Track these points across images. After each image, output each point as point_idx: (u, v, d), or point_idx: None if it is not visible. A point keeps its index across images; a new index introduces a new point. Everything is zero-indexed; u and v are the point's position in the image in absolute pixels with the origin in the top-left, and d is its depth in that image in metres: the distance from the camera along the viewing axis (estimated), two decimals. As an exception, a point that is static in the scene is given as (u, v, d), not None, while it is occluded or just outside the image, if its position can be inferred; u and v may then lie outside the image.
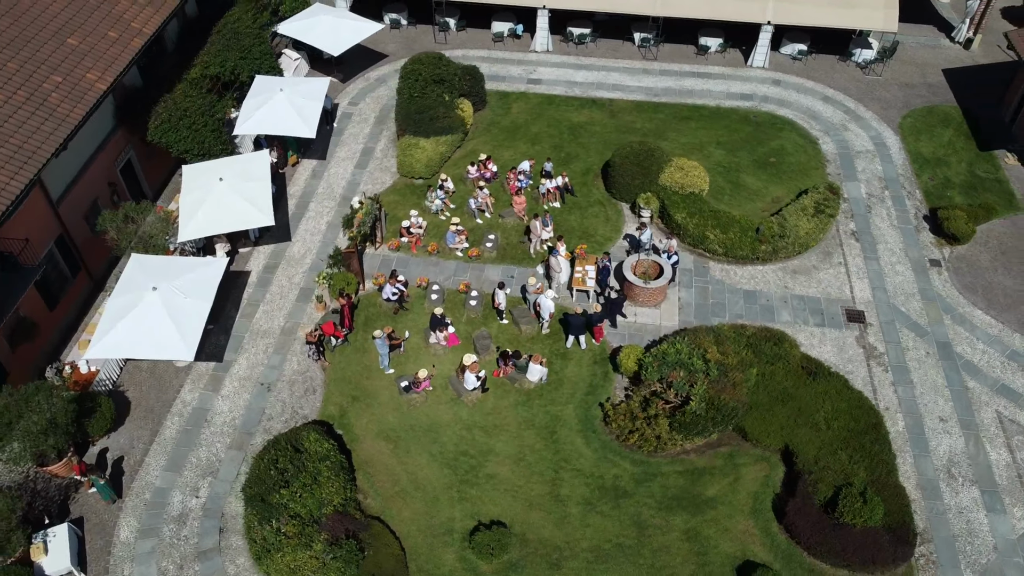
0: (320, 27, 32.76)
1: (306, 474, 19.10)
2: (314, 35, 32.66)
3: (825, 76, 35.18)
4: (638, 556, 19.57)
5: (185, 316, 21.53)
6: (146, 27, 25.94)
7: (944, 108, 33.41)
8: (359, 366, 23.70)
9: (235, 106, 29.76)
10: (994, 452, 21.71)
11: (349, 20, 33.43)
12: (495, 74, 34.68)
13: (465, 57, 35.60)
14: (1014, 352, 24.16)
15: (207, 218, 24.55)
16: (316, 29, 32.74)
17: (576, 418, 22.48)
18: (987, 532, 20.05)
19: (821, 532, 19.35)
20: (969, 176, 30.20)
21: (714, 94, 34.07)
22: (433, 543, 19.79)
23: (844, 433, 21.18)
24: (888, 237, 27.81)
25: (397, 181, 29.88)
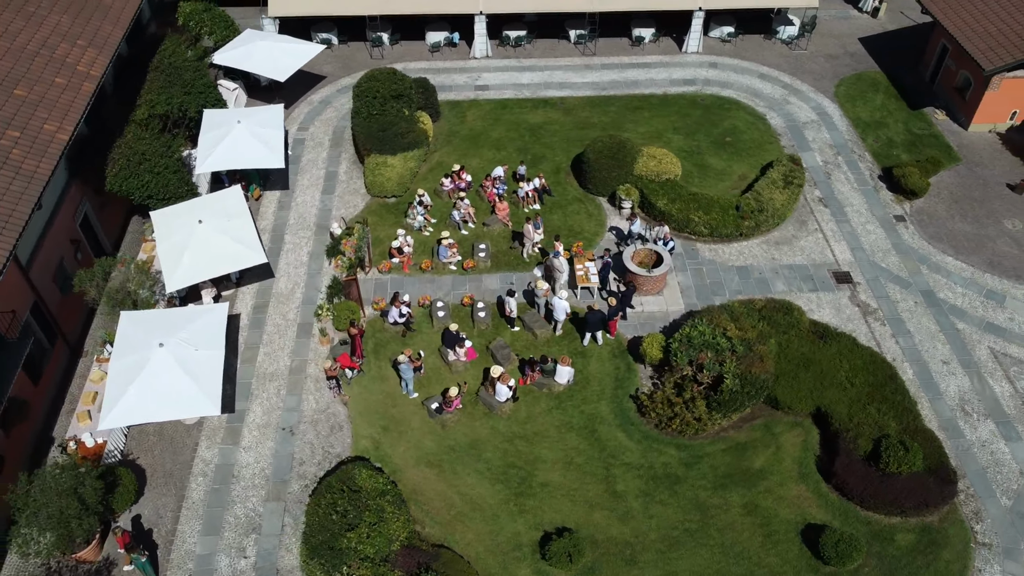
0: (258, 53, 31.50)
1: (370, 513, 18.32)
2: (254, 62, 31.37)
3: (756, 55, 36.70)
4: (706, 538, 19.84)
5: (201, 369, 20.25)
6: (92, 70, 24.19)
7: (870, 74, 35.51)
8: (380, 395, 22.94)
9: (188, 144, 28.17)
10: (996, 385, 23.25)
11: (286, 44, 32.31)
12: (441, 84, 34.28)
13: (406, 71, 34.98)
14: (989, 291, 25.96)
15: (194, 263, 23.16)
16: (254, 56, 31.46)
17: (612, 413, 22.56)
18: (1011, 460, 21.46)
19: (871, 485, 20.18)
20: (907, 134, 32.22)
21: (658, 82, 34.93)
22: (505, 561, 19.40)
23: (867, 388, 22.16)
24: (852, 200, 29.31)
25: (370, 202, 29.09)
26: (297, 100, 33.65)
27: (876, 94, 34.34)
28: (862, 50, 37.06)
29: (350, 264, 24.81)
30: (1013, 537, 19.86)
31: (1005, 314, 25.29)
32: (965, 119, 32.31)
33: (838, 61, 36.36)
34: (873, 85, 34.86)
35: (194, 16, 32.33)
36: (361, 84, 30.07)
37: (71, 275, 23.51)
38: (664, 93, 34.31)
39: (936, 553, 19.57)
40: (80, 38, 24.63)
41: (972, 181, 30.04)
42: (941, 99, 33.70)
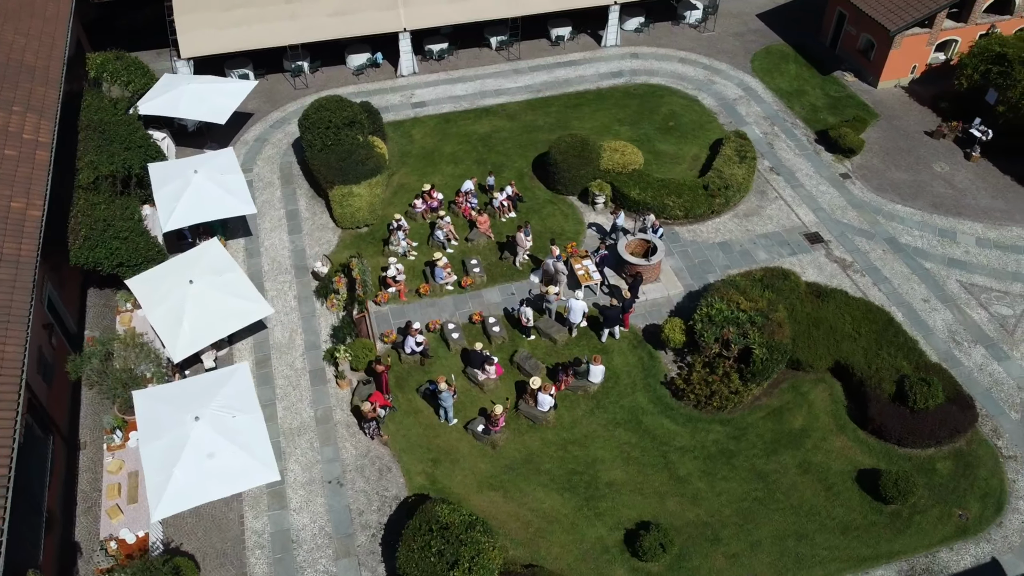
0: (187, 98, 29.66)
1: (467, 547, 17.81)
2: (185, 108, 29.52)
3: (670, 41, 38.20)
4: (775, 503, 20.64)
5: (245, 436, 18.99)
6: (40, 136, 22.03)
7: (777, 47, 37.80)
8: (419, 427, 22.30)
9: (142, 203, 26.20)
10: (974, 313, 25.49)
11: (216, 84, 30.62)
12: (377, 106, 33.48)
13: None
14: (941, 230, 28.38)
15: (196, 327, 21.66)
16: (183, 101, 29.60)
17: (650, 402, 22.98)
18: (1007, 378, 23.61)
19: (906, 423, 21.65)
20: (827, 98, 34.59)
21: (588, 78, 35.68)
22: (598, 566, 19.41)
23: (872, 336, 23.69)
24: (799, 165, 31.16)
25: (343, 235, 28.12)
26: (230, 142, 31.92)
27: (788, 64, 36.61)
28: (763, 26, 39.36)
29: (359, 300, 23.91)
30: (1031, 445, 21.91)
31: (960, 249, 27.72)
32: (873, 78, 35.05)
33: (745, 38, 38.46)
34: (783, 57, 37.13)
35: (107, 67, 30.02)
36: (309, 116, 28.93)
37: (51, 363, 21.37)
38: (598, 88, 35.10)
39: (973, 473, 21.26)
40: (15, 104, 22.35)
41: (895, 133, 32.66)
42: (846, 62, 36.37)
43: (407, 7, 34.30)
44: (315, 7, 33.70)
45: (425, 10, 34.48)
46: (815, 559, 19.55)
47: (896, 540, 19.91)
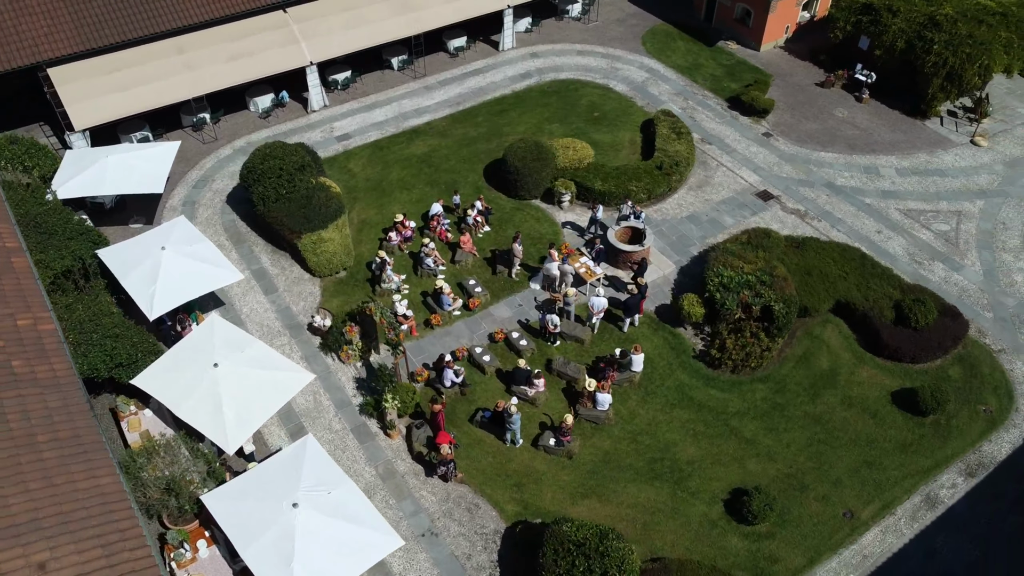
0: (111, 172, 26.86)
1: (610, 559, 17.79)
2: (113, 183, 26.72)
3: (561, 36, 39.24)
4: (837, 441, 22.21)
5: (351, 508, 17.84)
6: (8, 241, 19.23)
7: (660, 28, 39.89)
8: (487, 457, 21.85)
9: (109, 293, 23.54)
10: (920, 234, 28.54)
11: (136, 152, 27.92)
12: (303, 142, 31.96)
13: (249, 144, 32.05)
14: (864, 167, 31.44)
15: (241, 411, 19.91)
16: (109, 176, 26.78)
17: (691, 377, 23.87)
18: (968, 284, 26.72)
19: (914, 342, 24.01)
20: (721, 68, 37.07)
21: (500, 84, 35.95)
22: (713, 541, 20.04)
23: (856, 272, 25.95)
24: (724, 132, 33.26)
25: (324, 284, 26.74)
26: (155, 214, 29.26)
27: (676, 42, 38.80)
28: (639, 9, 41.34)
29: (394, 342, 22.89)
30: (1011, 336, 24.95)
31: (887, 181, 30.86)
32: (755, 43, 37.96)
33: (627, 23, 40.26)
34: (668, 36, 39.28)
35: (3, 153, 26.55)
36: (256, 167, 27.11)
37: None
38: (514, 91, 35.47)
39: (979, 372, 23.96)
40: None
41: (791, 90, 35.63)
42: (725, 33, 39.07)
43: (308, 40, 32.90)
44: (210, 55, 31.50)
45: (327, 41, 33.23)
46: (890, 480, 21.29)
47: (946, 446, 22.09)
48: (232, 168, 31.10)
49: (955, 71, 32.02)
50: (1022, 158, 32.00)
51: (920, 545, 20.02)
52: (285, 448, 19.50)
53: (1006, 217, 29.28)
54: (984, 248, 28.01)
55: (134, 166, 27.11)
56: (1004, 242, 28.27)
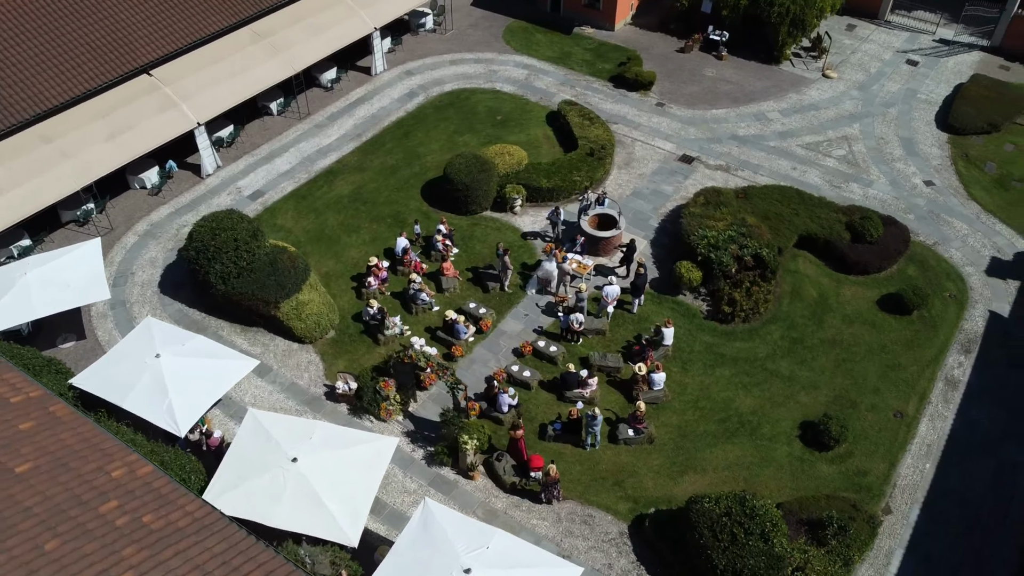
0: (35, 291, 22.98)
1: (759, 518, 18.48)
2: (46, 303, 22.90)
3: (425, 50, 38.87)
4: (857, 356, 24.50)
5: (519, 554, 17.06)
6: (31, 391, 16.03)
7: (514, 25, 40.75)
8: (576, 466, 21.68)
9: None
10: (825, 162, 31.93)
11: (52, 261, 24.01)
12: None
13: (153, 229, 28.88)
14: (753, 115, 34.53)
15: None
16: (33, 297, 22.83)
17: (713, 337, 25.14)
18: (882, 194, 30.38)
19: (873, 254, 27.01)
20: (589, 52, 38.71)
21: (390, 107, 35.00)
22: (808, 473, 21.45)
23: (801, 207, 28.51)
24: (623, 110, 34.89)
25: (319, 348, 24.88)
26: (83, 328, 25.50)
27: (535, 36, 39.89)
28: (486, 11, 41.87)
29: (452, 382, 21.82)
30: (936, 230, 28.82)
31: (777, 123, 34.13)
32: (609, 24, 40.01)
33: (481, 27, 40.70)
34: (525, 31, 40.28)
35: None
36: (207, 244, 24.34)
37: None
38: (408, 112, 34.71)
39: (928, 265, 27.48)
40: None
41: (658, 60, 38.03)
42: (577, 19, 40.75)
43: (188, 100, 30.02)
44: (83, 137, 27.79)
45: (209, 97, 30.51)
46: (913, 376, 23.94)
47: (938, 333, 25.19)
48: (149, 255, 27.80)
49: (798, 17, 35.95)
50: (867, 81, 36.73)
51: (963, 422, 22.77)
52: (412, 520, 18.08)
53: (881, 133, 33.56)
54: (880, 163, 31.96)
55: (62, 277, 23.41)
56: (891, 154, 32.43)
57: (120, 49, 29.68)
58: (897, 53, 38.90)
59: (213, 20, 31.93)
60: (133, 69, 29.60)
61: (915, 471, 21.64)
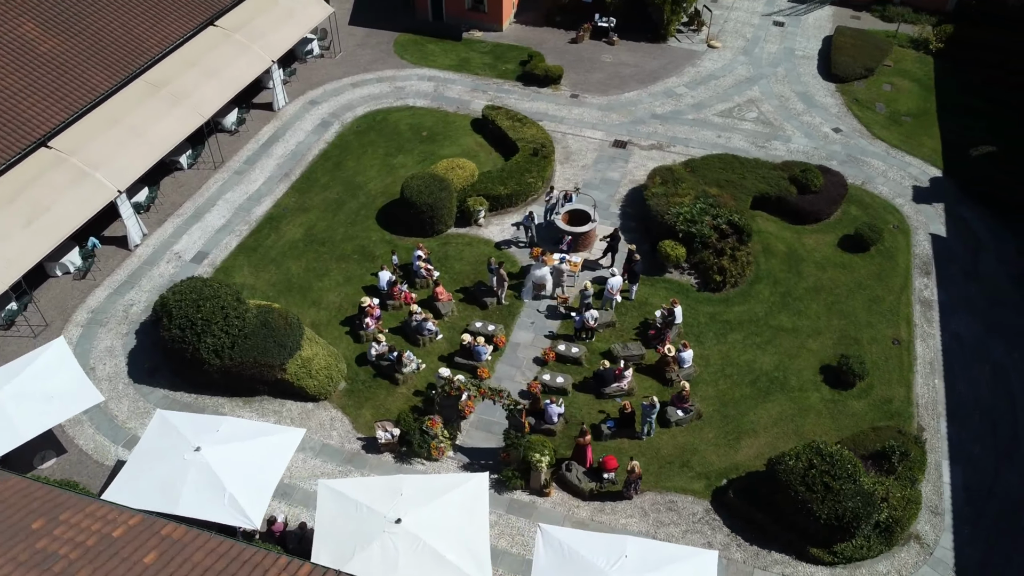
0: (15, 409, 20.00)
1: (842, 462, 19.53)
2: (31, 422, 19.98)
3: (320, 76, 37.23)
4: (841, 298, 26.39)
5: (659, 554, 17.14)
6: (121, 518, 13.97)
7: (402, 39, 39.93)
8: (642, 457, 21.53)
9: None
10: (744, 126, 33.99)
11: (22, 372, 20.95)
12: (156, 287, 26.71)
13: (95, 312, 25.98)
14: (664, 93, 36.06)
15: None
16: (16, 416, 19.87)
17: (713, 306, 26.15)
18: (803, 146, 32.79)
19: (821, 202, 29.17)
20: (487, 56, 38.71)
21: (309, 141, 33.28)
22: (843, 410, 22.96)
23: (745, 170, 30.19)
24: (542, 107, 35.25)
25: (337, 402, 23.47)
26: (59, 442, 22.52)
27: (427, 47, 39.34)
28: (368, 29, 40.66)
29: (510, 404, 21.24)
30: (859, 170, 31.53)
31: (688, 98, 35.90)
32: (497, 24, 40.17)
33: (369, 45, 39.54)
34: (416, 44, 39.59)
35: None
36: (192, 317, 22.19)
37: None
38: (328, 143, 33.18)
39: (865, 203, 30.07)
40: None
41: (554, 52, 38.67)
42: (463, 24, 40.58)
43: (101, 169, 27.07)
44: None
45: (121, 162, 27.64)
46: (892, 304, 26.19)
47: (898, 261, 27.68)
48: (103, 345, 24.97)
49: (677, -3, 37.96)
50: (748, 46, 39.40)
51: (949, 336, 25.24)
52: (536, 551, 17.56)
53: (779, 91, 36.16)
54: (789, 119, 34.45)
55: (40, 389, 20.52)
56: (794, 108, 35.06)
57: (11, 123, 26.26)
58: (763, 17, 41.96)
59: (103, 76, 28.97)
60: (30, 144, 26.30)
61: (928, 388, 23.74)
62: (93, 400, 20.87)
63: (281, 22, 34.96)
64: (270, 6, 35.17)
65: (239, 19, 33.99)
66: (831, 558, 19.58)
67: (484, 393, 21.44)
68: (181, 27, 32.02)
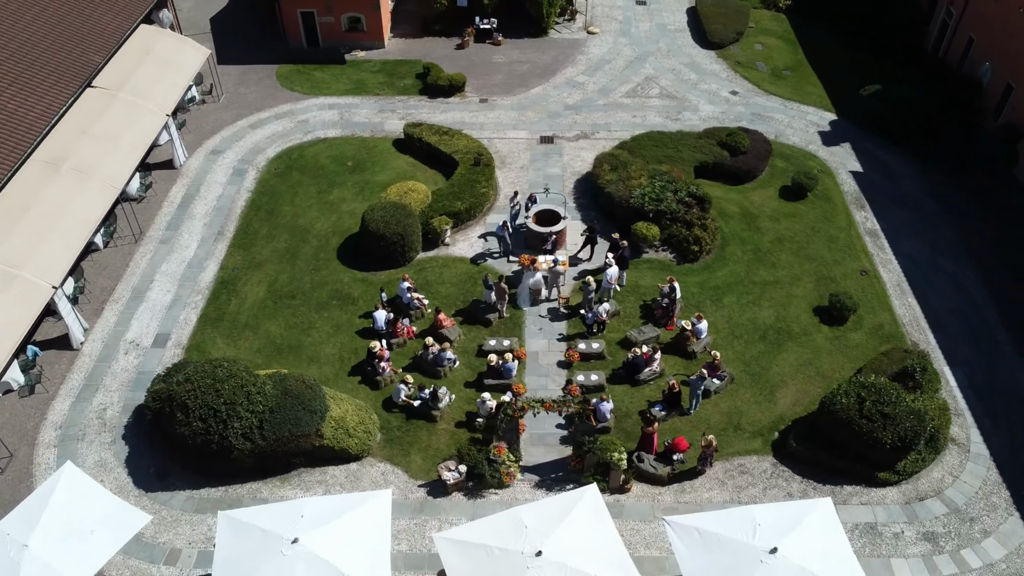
0: (48, 567, 17.34)
1: (887, 390, 21.24)
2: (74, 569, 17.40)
3: (212, 124, 34.54)
4: (802, 242, 28.42)
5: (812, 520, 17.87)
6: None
7: (283, 71, 37.84)
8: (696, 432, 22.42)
9: None
10: (652, 103, 35.52)
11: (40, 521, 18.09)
12: (126, 380, 24.02)
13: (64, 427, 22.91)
14: (567, 83, 36.90)
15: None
16: (58, 570, 17.29)
17: (696, 275, 27.27)
18: (712, 113, 34.80)
19: (753, 160, 31.26)
20: (378, 73, 37.66)
21: (229, 194, 30.84)
22: (848, 345, 24.86)
23: (677, 144, 31.51)
24: (458, 117, 34.81)
25: (384, 455, 22.25)
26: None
27: (313, 75, 37.55)
28: (243, 67, 38.02)
29: (578, 412, 21.05)
30: (770, 126, 33.98)
31: (590, 85, 36.98)
32: (379, 42, 39.18)
33: (250, 82, 37.14)
34: (300, 73, 37.69)
35: None
36: (212, 404, 20.18)
37: None
38: (252, 192, 30.95)
39: (787, 154, 32.54)
40: None
41: (445, 60, 38.14)
42: (342, 46, 39.08)
43: (25, 269, 23.79)
44: (-73, 357, 20.95)
45: (45, 256, 24.40)
46: (844, 238, 28.69)
47: (835, 202, 30.27)
48: (90, 460, 22.09)
49: (555, -12, 38.87)
50: (623, 27, 41.25)
51: (903, 258, 27.96)
52: (673, 543, 17.67)
53: (669, 66, 38.11)
54: (689, 89, 36.45)
55: (74, 526, 17.83)
56: (690, 79, 37.16)
57: (-92, 236, 22.41)
58: (626, -1, 43.91)
59: (-8, 162, 25.37)
60: (-64, 254, 22.61)
61: (906, 307, 26.26)
62: (140, 522, 18.42)
63: (162, 72, 32.14)
64: (144, 57, 32.21)
65: (117, 76, 30.86)
66: (896, 477, 21.28)
67: (549, 407, 21.17)
68: (57, 94, 28.57)
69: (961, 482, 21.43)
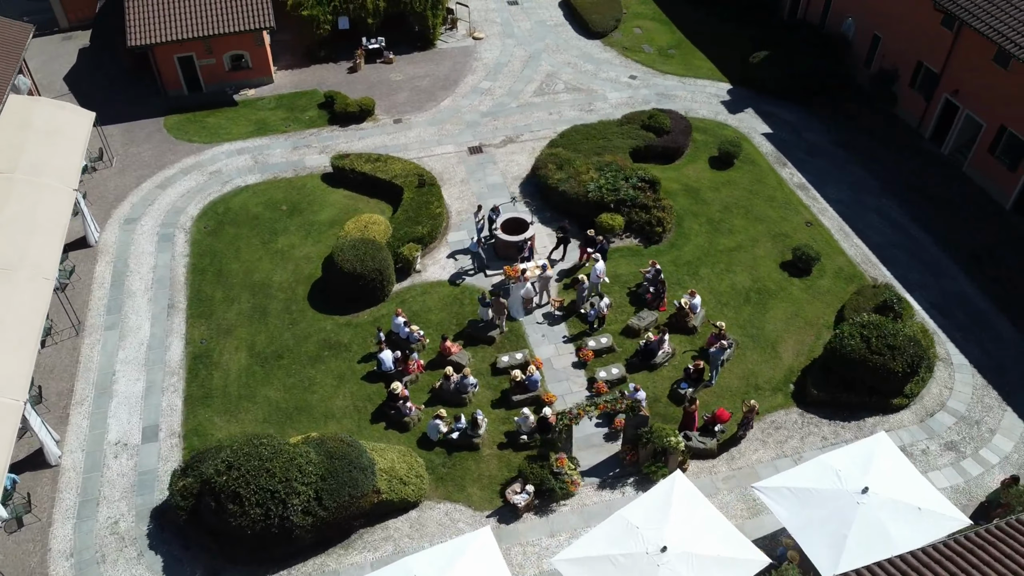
0: None
1: (889, 325, 23.33)
2: None
3: (114, 190, 31.55)
4: (753, 203, 30.39)
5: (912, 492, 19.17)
6: None
7: (170, 122, 35.13)
8: (722, 402, 23.57)
9: None
10: (563, 97, 36.35)
11: None
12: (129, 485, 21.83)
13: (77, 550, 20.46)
14: (473, 90, 36.90)
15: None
16: None
17: (666, 256, 28.38)
18: (640, 95, 36.15)
19: (679, 137, 32.85)
20: (278, 112, 35.85)
21: (163, 262, 28.39)
22: (823, 289, 26.95)
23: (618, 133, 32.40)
24: (378, 142, 33.94)
25: (440, 495, 21.61)
26: None
27: (206, 120, 35.07)
28: (120, 125, 34.77)
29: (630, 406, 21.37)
30: (679, 104, 35.78)
31: (496, 89, 37.14)
32: (267, 77, 37.31)
33: (139, 140, 34.14)
34: (191, 122, 34.98)
35: None
36: (272, 489, 18.85)
37: None
38: (188, 256, 28.62)
39: (711, 129, 34.38)
40: None
41: (342, 86, 36.99)
42: (229, 87, 36.88)
43: (-18, 385, 21.00)
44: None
45: (2, 372, 21.64)
46: (783, 197, 31.00)
47: (759, 164, 32.50)
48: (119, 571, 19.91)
49: (435, 1, 38.59)
50: (505, 29, 41.78)
51: (835, 203, 30.56)
52: (772, 506, 18.53)
53: (563, 59, 39.10)
54: (591, 80, 37.63)
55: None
56: (587, 70, 38.30)
57: None
58: (497, 1, 44.28)
59: (-93, 278, 21.97)
60: None
61: (854, 247, 28.78)
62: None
63: (54, 144, 28.97)
64: (27, 131, 28.90)
65: (5, 156, 27.55)
66: (907, 400, 23.43)
67: (604, 408, 21.43)
68: (-54, 187, 25.14)
69: (957, 392, 23.94)
